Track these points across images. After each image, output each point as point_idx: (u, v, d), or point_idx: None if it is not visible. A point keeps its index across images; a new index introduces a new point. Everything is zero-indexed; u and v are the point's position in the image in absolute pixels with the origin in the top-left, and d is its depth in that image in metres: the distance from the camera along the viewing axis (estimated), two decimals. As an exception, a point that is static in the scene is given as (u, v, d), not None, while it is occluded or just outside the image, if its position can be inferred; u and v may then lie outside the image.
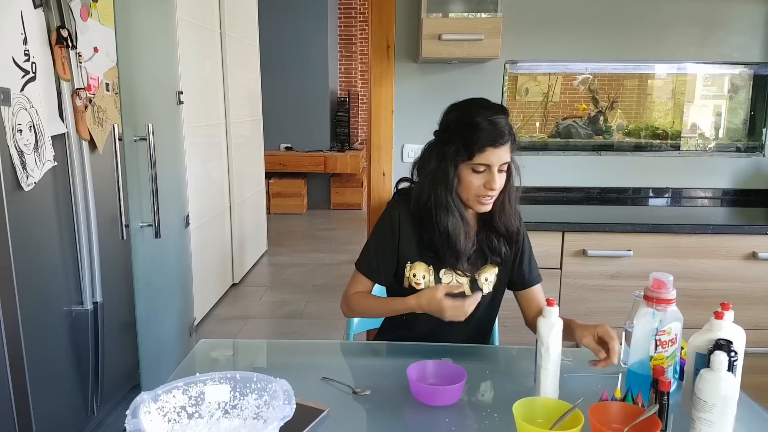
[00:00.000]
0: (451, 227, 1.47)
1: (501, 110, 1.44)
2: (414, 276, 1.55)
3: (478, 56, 2.47)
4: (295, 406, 0.99)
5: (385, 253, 1.57)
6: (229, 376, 1.09)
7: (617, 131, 3.01)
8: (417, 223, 1.53)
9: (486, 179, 1.43)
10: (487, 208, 1.48)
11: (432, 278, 1.55)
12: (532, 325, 1.60)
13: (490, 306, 1.61)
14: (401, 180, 1.63)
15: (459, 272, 1.53)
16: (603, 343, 1.29)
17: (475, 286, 1.55)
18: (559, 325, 1.21)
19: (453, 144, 1.43)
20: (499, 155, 1.41)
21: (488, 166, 1.42)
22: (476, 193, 1.45)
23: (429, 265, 1.54)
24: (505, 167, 1.45)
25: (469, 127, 1.41)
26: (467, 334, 1.58)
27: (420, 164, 1.53)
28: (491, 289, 1.57)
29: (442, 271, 1.54)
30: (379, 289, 1.67)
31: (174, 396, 1.05)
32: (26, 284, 1.89)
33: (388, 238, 1.57)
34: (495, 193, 1.45)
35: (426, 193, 1.49)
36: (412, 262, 1.55)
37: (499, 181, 1.44)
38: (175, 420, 1.04)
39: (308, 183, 7.39)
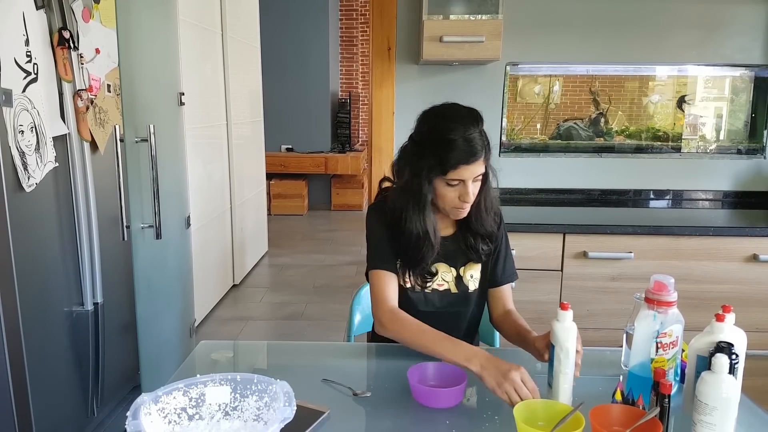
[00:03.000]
0: (416, 235, 1.46)
1: (474, 121, 1.40)
2: (402, 278, 1.55)
3: (479, 58, 2.47)
4: (295, 407, 0.99)
5: (387, 248, 1.53)
6: (229, 378, 1.10)
7: (617, 132, 3.01)
8: (391, 227, 1.52)
9: (460, 192, 1.42)
10: (463, 215, 1.48)
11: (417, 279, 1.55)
12: (496, 322, 1.62)
13: (477, 302, 1.62)
14: (383, 180, 1.63)
15: (418, 275, 1.53)
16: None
17: (460, 282, 1.56)
18: (574, 328, 1.21)
19: (427, 159, 1.41)
20: (472, 171, 1.39)
21: (462, 181, 1.41)
22: (451, 204, 1.45)
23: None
24: (480, 177, 1.44)
25: (442, 145, 1.38)
26: (460, 331, 1.60)
27: (396, 168, 1.53)
28: (477, 285, 1.58)
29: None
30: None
31: (174, 397, 1.06)
32: (27, 285, 1.89)
33: (384, 237, 1.54)
34: (470, 204, 1.45)
35: (399, 203, 1.48)
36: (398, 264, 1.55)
37: (473, 191, 1.43)
38: (175, 421, 1.04)
39: (309, 184, 7.39)
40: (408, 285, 1.56)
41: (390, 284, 1.49)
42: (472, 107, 1.45)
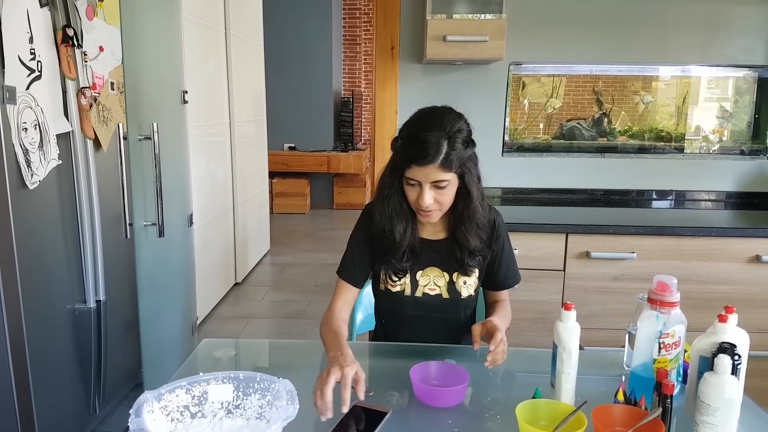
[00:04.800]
0: (381, 228, 1.49)
1: (438, 126, 1.36)
2: (390, 279, 1.55)
3: (482, 57, 2.47)
4: (298, 406, 0.99)
5: (361, 256, 1.57)
6: (232, 376, 1.10)
7: (620, 132, 3.01)
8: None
9: (417, 194, 1.41)
10: (429, 220, 1.47)
11: (408, 281, 1.54)
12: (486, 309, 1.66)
13: (471, 308, 1.62)
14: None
15: (399, 270, 1.53)
16: (490, 336, 1.33)
17: (452, 288, 1.55)
18: (577, 329, 1.21)
19: (396, 155, 1.44)
20: (425, 174, 1.36)
21: (418, 182, 1.39)
22: (413, 205, 1.45)
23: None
24: (443, 184, 1.38)
25: (401, 141, 1.42)
26: (451, 337, 1.61)
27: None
28: (471, 292, 1.57)
29: (419, 273, 1.54)
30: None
31: (177, 395, 1.06)
32: (30, 282, 1.90)
33: (362, 241, 1.56)
34: (428, 209, 1.41)
35: (375, 196, 1.53)
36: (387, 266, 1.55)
37: (433, 197, 1.39)
38: (178, 419, 1.05)
39: (311, 183, 7.39)
40: (397, 289, 1.55)
41: (342, 293, 1.57)
42: (453, 112, 1.42)
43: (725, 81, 2.97)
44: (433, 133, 1.36)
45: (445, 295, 1.55)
